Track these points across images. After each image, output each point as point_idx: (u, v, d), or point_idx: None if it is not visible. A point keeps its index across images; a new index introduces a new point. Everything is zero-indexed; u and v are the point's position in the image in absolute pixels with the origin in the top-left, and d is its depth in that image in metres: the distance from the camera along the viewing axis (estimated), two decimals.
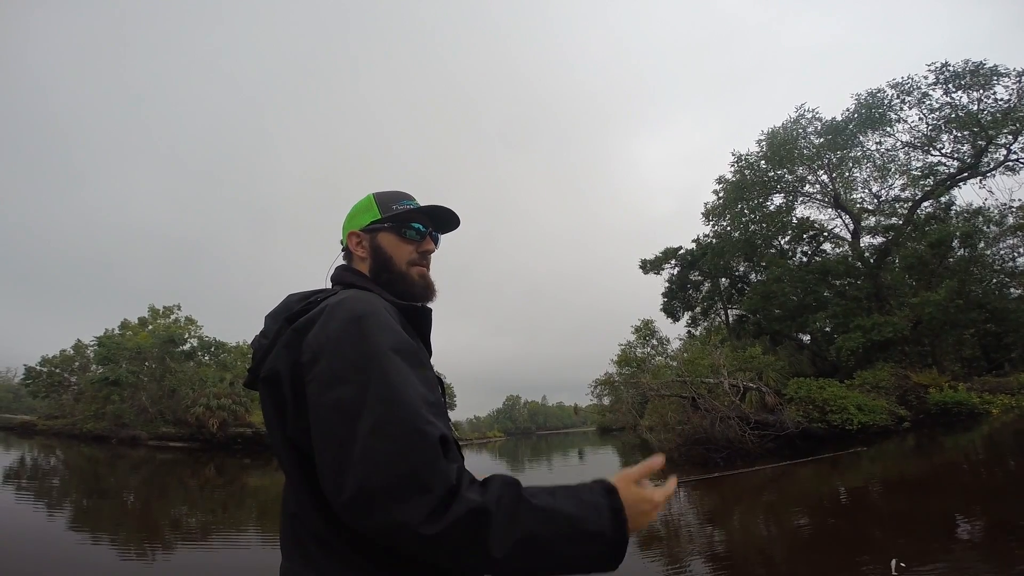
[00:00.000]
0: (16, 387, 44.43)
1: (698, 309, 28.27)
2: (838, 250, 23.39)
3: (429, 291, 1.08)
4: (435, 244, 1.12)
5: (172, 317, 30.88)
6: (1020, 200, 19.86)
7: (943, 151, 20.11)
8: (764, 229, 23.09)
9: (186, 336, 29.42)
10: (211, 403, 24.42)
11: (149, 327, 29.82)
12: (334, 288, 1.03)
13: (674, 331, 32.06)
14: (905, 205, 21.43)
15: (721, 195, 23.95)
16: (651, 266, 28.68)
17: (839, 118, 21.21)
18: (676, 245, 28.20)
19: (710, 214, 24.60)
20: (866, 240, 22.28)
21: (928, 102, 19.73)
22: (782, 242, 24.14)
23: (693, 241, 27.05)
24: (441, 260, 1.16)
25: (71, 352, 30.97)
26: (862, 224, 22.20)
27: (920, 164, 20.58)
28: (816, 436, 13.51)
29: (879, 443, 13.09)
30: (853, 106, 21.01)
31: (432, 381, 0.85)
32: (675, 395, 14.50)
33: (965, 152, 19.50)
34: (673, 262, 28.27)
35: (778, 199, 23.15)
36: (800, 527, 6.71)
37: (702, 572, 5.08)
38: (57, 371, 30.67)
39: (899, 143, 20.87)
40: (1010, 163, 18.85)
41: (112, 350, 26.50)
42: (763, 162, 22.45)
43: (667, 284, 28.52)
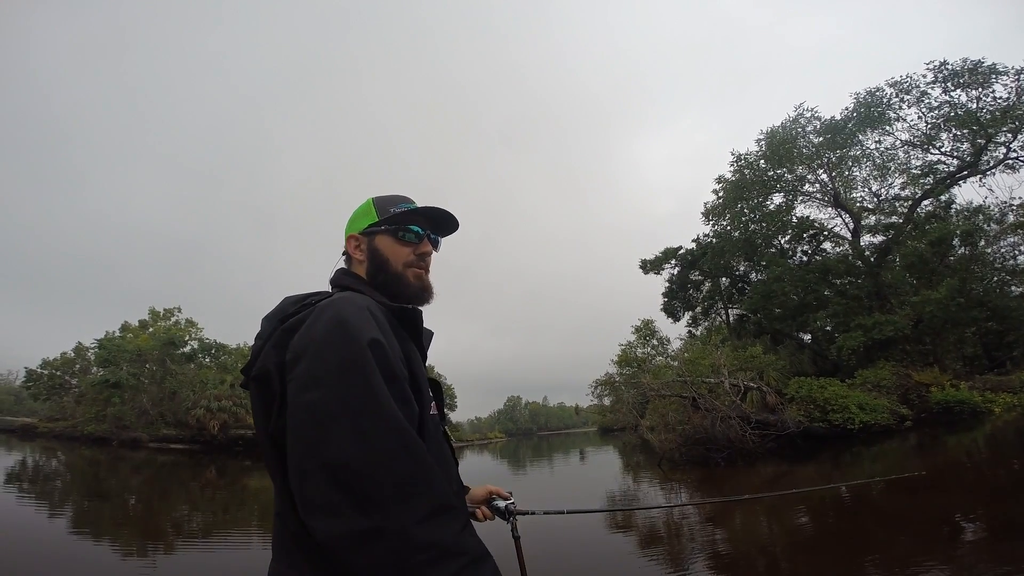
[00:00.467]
0: (17, 390, 44.50)
1: (698, 309, 28.21)
2: (838, 249, 23.35)
3: (426, 293, 1.08)
4: (434, 246, 1.11)
5: (173, 319, 30.91)
6: (1020, 198, 19.81)
7: (942, 149, 20.12)
8: (764, 228, 23.05)
9: (187, 338, 29.46)
10: (212, 405, 24.46)
11: (150, 329, 29.84)
12: (331, 291, 1.04)
13: (674, 331, 32.05)
14: (905, 204, 21.41)
15: (721, 195, 23.95)
16: (651, 266, 28.65)
17: (838, 117, 21.21)
18: (676, 245, 28.22)
19: (710, 214, 24.60)
20: (866, 239, 22.29)
21: (927, 101, 19.75)
22: (782, 241, 24.11)
23: (693, 241, 27.08)
24: (442, 261, 1.17)
25: (72, 354, 31.02)
26: (862, 223, 22.17)
27: (920, 163, 20.62)
28: (817, 435, 13.48)
29: (881, 442, 13.07)
30: (852, 105, 21.03)
31: (406, 395, 0.84)
32: (676, 395, 14.47)
33: (964, 150, 19.50)
34: (673, 262, 28.24)
35: (778, 198, 23.16)
36: (800, 526, 6.71)
37: (702, 572, 5.07)
38: (58, 373, 30.72)
39: (898, 142, 20.91)
40: (1010, 161, 18.84)
41: (113, 352, 26.53)
42: (763, 161, 22.44)
43: (667, 284, 28.49)
